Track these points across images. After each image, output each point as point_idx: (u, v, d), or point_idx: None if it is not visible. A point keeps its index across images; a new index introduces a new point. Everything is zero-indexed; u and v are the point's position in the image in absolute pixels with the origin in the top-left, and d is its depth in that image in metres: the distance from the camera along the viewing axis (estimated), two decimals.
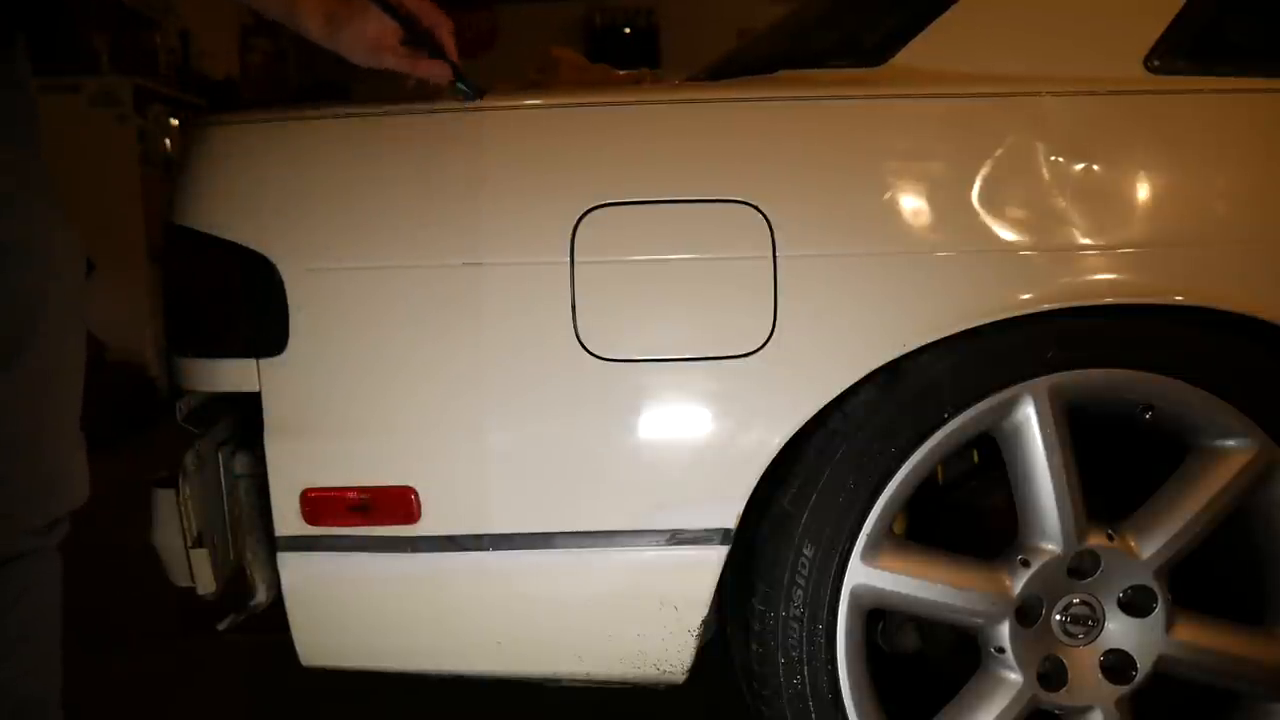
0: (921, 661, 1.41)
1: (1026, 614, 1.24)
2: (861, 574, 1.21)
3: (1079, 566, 1.24)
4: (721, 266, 1.14)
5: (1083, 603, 1.24)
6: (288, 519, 1.17)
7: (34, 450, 1.10)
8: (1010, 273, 1.15)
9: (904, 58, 1.22)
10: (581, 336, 1.13)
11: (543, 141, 1.17)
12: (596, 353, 1.14)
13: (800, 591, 1.20)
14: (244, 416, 1.27)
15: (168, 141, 4.82)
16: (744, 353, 1.13)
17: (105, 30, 4.76)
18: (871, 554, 1.20)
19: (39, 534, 1.13)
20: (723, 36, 4.30)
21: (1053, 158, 1.15)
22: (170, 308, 1.26)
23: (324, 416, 1.16)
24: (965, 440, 1.21)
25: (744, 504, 1.16)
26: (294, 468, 1.16)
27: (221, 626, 1.29)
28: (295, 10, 1.11)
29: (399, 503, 1.15)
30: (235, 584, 1.30)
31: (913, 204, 1.15)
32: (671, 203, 1.14)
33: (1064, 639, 1.25)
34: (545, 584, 1.19)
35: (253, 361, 1.15)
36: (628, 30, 7.47)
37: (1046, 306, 1.14)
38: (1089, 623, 1.25)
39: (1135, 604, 1.25)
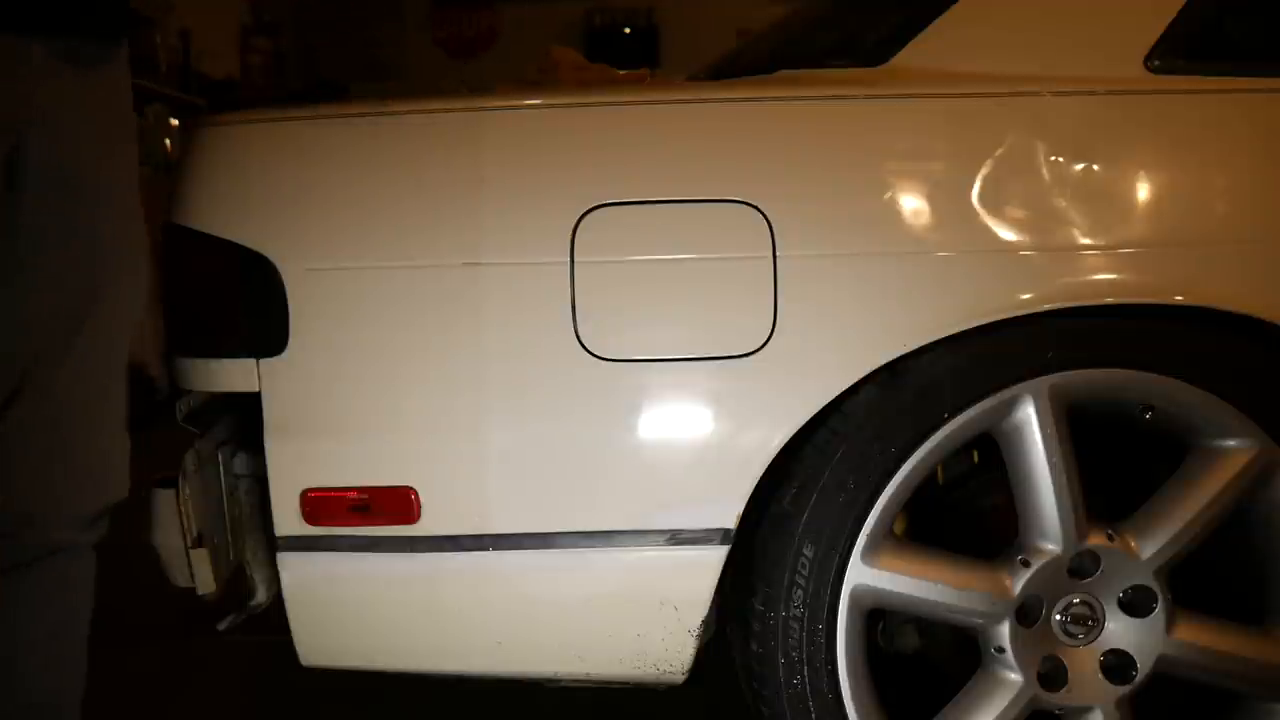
0: (921, 661, 1.41)
1: (1027, 614, 1.24)
2: (862, 574, 1.21)
3: (1079, 566, 1.24)
4: (721, 266, 1.14)
5: (1083, 603, 1.24)
6: (288, 519, 1.17)
7: (84, 438, 1.11)
8: (1010, 273, 1.15)
9: (904, 58, 1.22)
10: (581, 336, 1.13)
11: (543, 141, 1.17)
12: (596, 353, 1.14)
13: (800, 592, 1.20)
14: (244, 416, 1.27)
15: (168, 141, 4.82)
16: (744, 353, 1.13)
17: None
18: (872, 554, 1.20)
19: (83, 527, 1.13)
20: (723, 36, 4.30)
21: (1053, 158, 1.15)
22: (170, 308, 1.26)
23: (324, 416, 1.16)
24: (965, 440, 1.21)
25: (744, 504, 1.16)
26: (294, 468, 1.16)
27: (221, 626, 1.29)
28: None
29: (399, 503, 1.15)
30: (235, 584, 1.31)
31: (913, 204, 1.15)
32: (671, 203, 1.14)
33: (1064, 639, 1.25)
34: (545, 584, 1.18)
35: (253, 361, 1.15)
36: (628, 30, 7.47)
37: (1046, 306, 1.14)
38: (1089, 623, 1.25)
39: (1135, 604, 1.25)
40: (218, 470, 1.28)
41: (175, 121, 4.91)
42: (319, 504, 1.16)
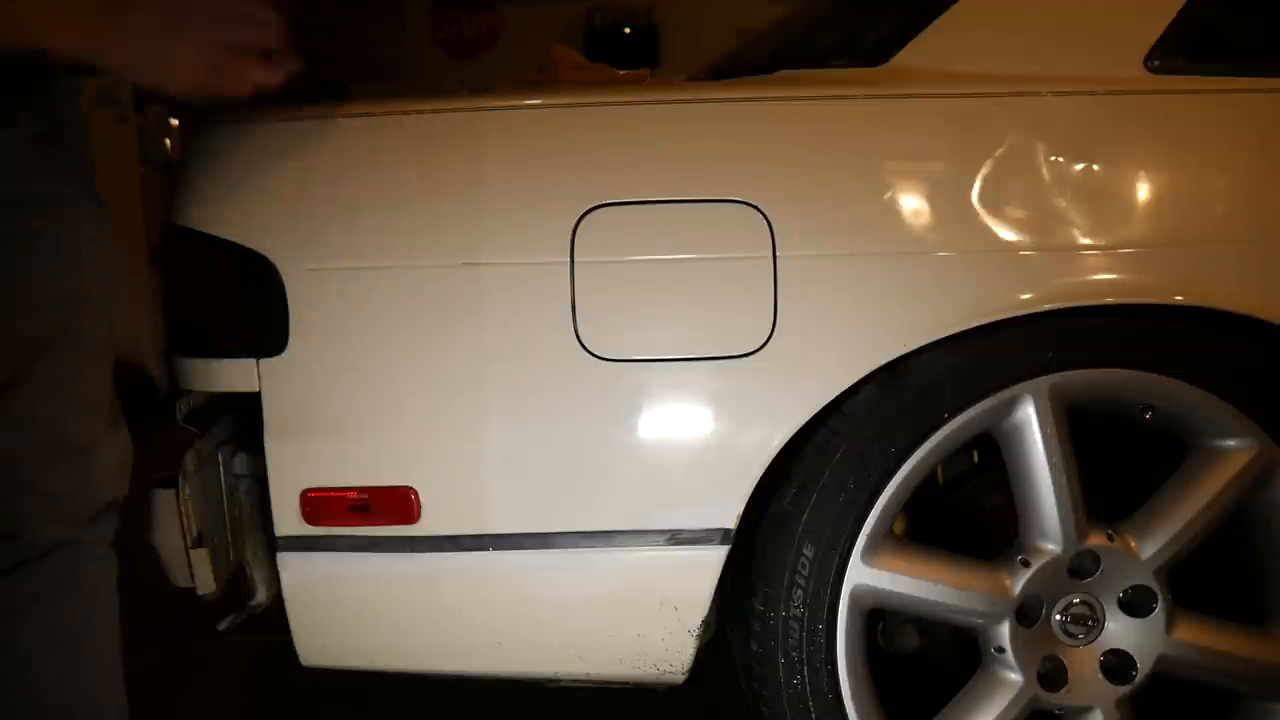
0: (921, 661, 1.41)
1: (1027, 614, 1.24)
2: (862, 574, 1.21)
3: (1079, 566, 1.24)
4: (721, 266, 1.14)
5: (1083, 603, 1.24)
6: (288, 519, 1.17)
7: (57, 434, 1.08)
8: (1010, 273, 1.15)
9: (904, 58, 1.22)
10: (581, 336, 1.13)
11: (543, 141, 1.17)
12: (596, 353, 1.14)
13: (800, 592, 1.20)
14: (244, 416, 1.27)
15: (168, 141, 4.82)
16: (744, 353, 1.13)
17: None
18: (872, 554, 1.20)
19: (75, 524, 1.10)
20: (723, 36, 4.29)
21: (1053, 158, 1.15)
22: (170, 308, 1.26)
23: (324, 416, 1.16)
24: (965, 440, 1.21)
25: (744, 504, 1.16)
26: (294, 468, 1.16)
27: (221, 626, 1.29)
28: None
29: (399, 503, 1.15)
30: (235, 584, 1.30)
31: (913, 204, 1.15)
32: (671, 203, 1.14)
33: (1064, 639, 1.25)
34: (545, 584, 1.18)
35: (253, 361, 1.15)
36: (628, 30, 7.46)
37: (1046, 306, 1.14)
38: (1089, 623, 1.25)
39: (1135, 604, 1.25)
40: (218, 470, 1.28)
41: (175, 121, 4.91)
42: (319, 504, 1.16)
